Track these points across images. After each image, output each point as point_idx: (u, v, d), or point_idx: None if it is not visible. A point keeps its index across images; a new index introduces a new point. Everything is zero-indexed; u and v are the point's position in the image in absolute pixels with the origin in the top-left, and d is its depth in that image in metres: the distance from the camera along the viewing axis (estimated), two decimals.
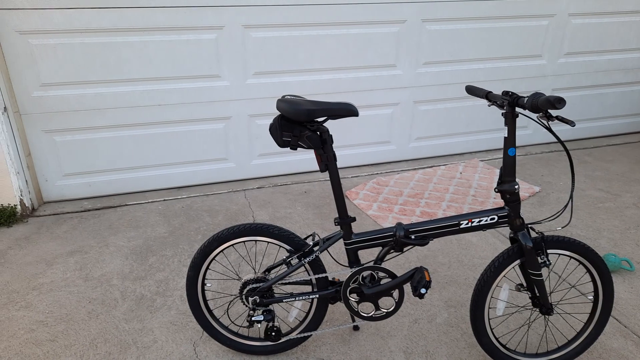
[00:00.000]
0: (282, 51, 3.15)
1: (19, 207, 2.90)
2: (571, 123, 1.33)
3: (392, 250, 1.67)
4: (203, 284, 1.75)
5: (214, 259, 1.72)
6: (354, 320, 1.96)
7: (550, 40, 3.70)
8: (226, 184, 3.39)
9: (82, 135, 3.01)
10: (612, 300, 1.71)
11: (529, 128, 3.99)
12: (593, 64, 3.90)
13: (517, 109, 1.50)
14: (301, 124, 1.56)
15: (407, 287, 2.21)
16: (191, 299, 1.75)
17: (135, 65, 2.93)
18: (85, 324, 2.00)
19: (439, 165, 3.67)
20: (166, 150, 3.20)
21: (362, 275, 1.70)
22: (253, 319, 1.70)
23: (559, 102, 1.28)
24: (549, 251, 1.62)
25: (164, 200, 3.15)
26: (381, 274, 1.71)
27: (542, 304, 1.70)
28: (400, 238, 1.62)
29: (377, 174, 3.56)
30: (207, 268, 1.73)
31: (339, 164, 3.62)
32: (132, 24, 2.82)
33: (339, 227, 1.67)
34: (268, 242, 1.73)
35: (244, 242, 1.70)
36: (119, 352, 1.85)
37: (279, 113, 1.58)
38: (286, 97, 1.58)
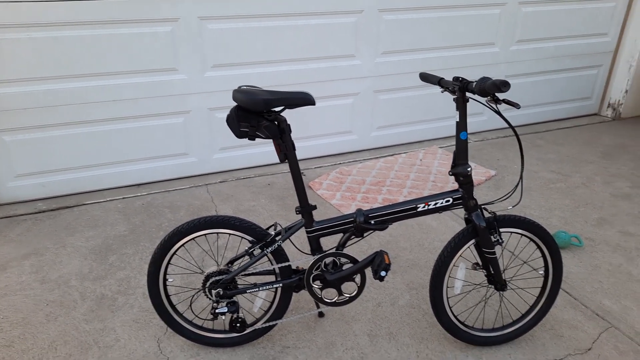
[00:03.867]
0: (241, 43, 3.12)
1: None
2: (516, 105, 1.39)
3: (353, 236, 1.71)
4: (165, 279, 1.73)
5: (174, 253, 1.70)
6: (318, 307, 1.99)
7: (502, 29, 3.82)
8: (188, 179, 3.35)
9: (34, 134, 2.89)
10: (561, 274, 1.81)
11: (484, 114, 4.12)
12: (543, 51, 4.06)
13: (468, 94, 1.55)
14: (258, 114, 1.56)
15: (369, 273, 2.26)
16: (153, 294, 1.73)
17: (88, 60, 2.83)
18: (44, 327, 1.95)
19: (400, 153, 3.74)
20: (124, 147, 3.12)
21: (325, 262, 1.73)
22: (217, 311, 1.70)
23: (504, 85, 1.33)
24: (501, 230, 1.70)
25: (124, 198, 3.08)
26: (343, 260, 1.75)
27: (497, 281, 1.77)
28: (360, 224, 1.65)
29: (340, 163, 3.59)
30: (169, 263, 1.71)
31: (302, 155, 3.63)
32: (83, 17, 2.72)
33: (300, 216, 1.69)
34: (230, 234, 1.72)
35: (204, 235, 1.69)
36: (79, 353, 1.81)
37: (235, 104, 1.58)
38: (242, 87, 1.57)
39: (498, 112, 1.53)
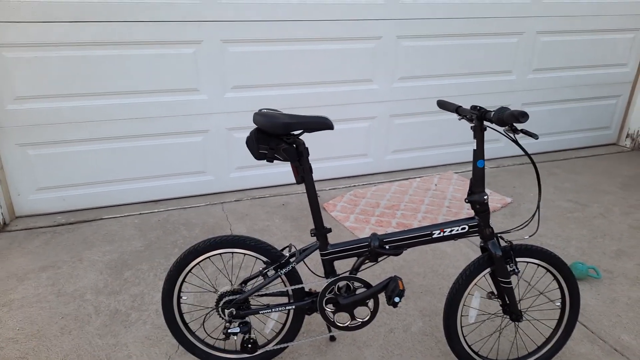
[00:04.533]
0: (261, 66, 3.20)
1: None
2: (534, 136, 1.39)
3: (367, 261, 1.71)
4: (179, 297, 1.75)
5: (189, 271, 1.72)
6: (330, 331, 1.98)
7: (519, 57, 3.85)
8: (204, 197, 3.39)
9: (57, 148, 2.98)
10: (578, 306, 1.78)
11: (501, 141, 4.11)
12: (561, 80, 4.06)
13: (485, 123, 1.57)
14: (277, 137, 1.59)
15: (383, 298, 2.25)
16: (167, 312, 1.74)
17: (114, 78, 2.92)
18: (58, 340, 1.97)
19: (415, 178, 3.74)
20: (143, 164, 3.19)
21: (338, 286, 1.73)
22: (229, 331, 1.70)
23: (522, 116, 1.35)
24: (517, 259, 1.68)
25: (140, 214, 3.13)
26: (356, 284, 1.74)
27: (512, 311, 1.75)
28: (374, 248, 1.66)
29: (355, 186, 3.60)
30: (183, 281, 1.73)
31: (317, 177, 3.66)
32: (111, 38, 2.83)
33: (315, 238, 1.70)
34: (244, 254, 1.74)
35: (220, 254, 1.70)
36: None
37: (255, 126, 1.61)
38: (263, 110, 1.61)
39: (516, 142, 1.54)
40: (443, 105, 1.77)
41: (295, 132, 1.60)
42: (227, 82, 3.17)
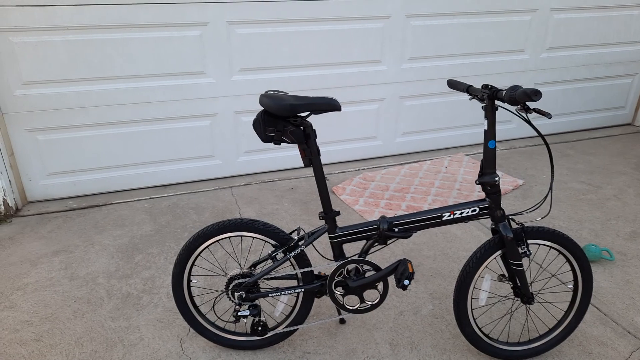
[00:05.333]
0: (268, 47, 3.15)
1: (2, 207, 2.86)
2: (548, 115, 1.35)
3: (376, 244, 1.69)
4: (189, 281, 1.75)
5: (199, 255, 1.72)
6: (339, 314, 1.98)
7: (532, 35, 3.75)
8: (213, 181, 3.39)
9: (66, 134, 2.98)
10: (591, 289, 1.75)
11: (512, 122, 4.04)
12: (574, 59, 3.96)
13: (497, 102, 1.53)
14: (284, 119, 1.57)
15: (392, 280, 2.24)
16: (177, 295, 1.75)
17: (119, 62, 2.90)
18: (71, 323, 2.00)
19: (425, 160, 3.70)
20: (152, 148, 3.19)
21: (347, 269, 1.72)
22: (239, 314, 1.71)
23: (535, 95, 1.31)
24: (529, 241, 1.66)
25: (150, 198, 3.14)
26: (366, 267, 1.73)
27: (524, 294, 1.73)
28: (384, 231, 1.64)
29: (364, 169, 3.58)
30: (193, 264, 1.74)
31: (326, 160, 3.63)
32: (115, 21, 2.80)
33: (324, 221, 1.69)
34: (253, 238, 1.74)
35: (229, 237, 1.70)
36: (105, 350, 1.85)
37: (262, 109, 1.59)
38: (269, 92, 1.58)
39: (528, 121, 1.50)
40: (453, 85, 1.73)
41: (302, 114, 1.57)
42: (234, 64, 3.13)
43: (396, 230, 1.66)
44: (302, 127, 1.57)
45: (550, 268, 2.33)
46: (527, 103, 1.40)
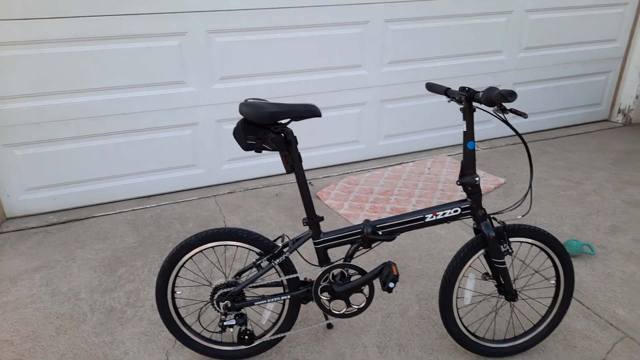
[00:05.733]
0: (248, 55, 3.15)
1: None
2: (524, 115, 1.38)
3: (361, 247, 1.70)
4: (173, 292, 1.74)
5: (183, 265, 1.71)
6: (327, 319, 1.97)
7: (509, 36, 3.82)
8: (196, 191, 3.36)
9: (45, 147, 2.93)
10: (573, 283, 1.78)
11: (492, 122, 4.10)
12: (551, 58, 4.04)
13: (474, 104, 1.55)
14: (265, 127, 1.57)
15: (378, 284, 2.24)
16: (161, 307, 1.73)
17: (97, 74, 2.87)
18: (54, 340, 1.96)
19: (408, 162, 3.73)
20: (133, 160, 3.15)
21: (333, 274, 1.72)
22: (225, 323, 1.69)
23: (511, 95, 1.33)
24: (510, 239, 1.68)
25: (133, 210, 3.10)
26: (351, 271, 1.74)
27: (507, 291, 1.75)
28: (367, 234, 1.65)
29: (348, 173, 3.59)
30: (177, 275, 1.72)
31: (310, 165, 3.64)
32: (92, 33, 2.77)
33: (308, 227, 1.69)
34: (237, 247, 1.72)
35: (212, 247, 1.69)
36: None
37: (242, 117, 1.59)
38: (249, 100, 1.58)
39: (506, 122, 1.52)
40: (432, 87, 1.75)
41: (283, 121, 1.57)
42: (215, 73, 3.12)
43: (380, 233, 1.66)
44: (282, 135, 1.58)
45: (533, 265, 2.36)
46: (503, 104, 1.42)
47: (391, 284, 1.61)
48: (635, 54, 4.23)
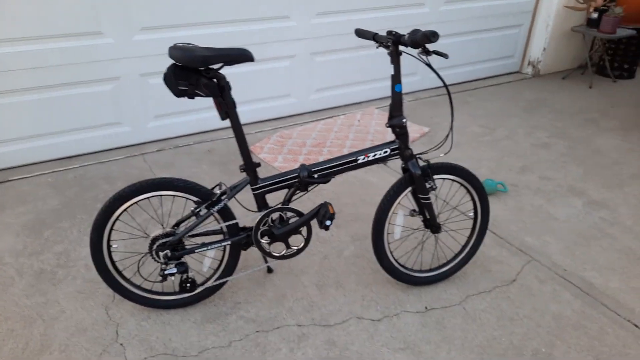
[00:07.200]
0: (170, 4, 2.99)
1: None
2: (445, 56, 1.47)
3: (297, 191, 1.76)
4: (109, 246, 1.70)
5: (117, 218, 1.67)
6: (266, 262, 2.04)
7: None
8: (123, 149, 3.22)
9: None
10: (488, 214, 1.98)
11: (417, 74, 4.26)
12: (471, 11, 4.22)
13: (401, 47, 1.62)
14: (197, 72, 1.54)
15: (316, 226, 2.34)
16: (97, 261, 1.70)
17: (3, 24, 2.60)
18: None
19: (339, 115, 3.81)
20: (49, 118, 2.93)
21: (272, 217, 1.77)
22: (166, 272, 1.70)
23: (433, 36, 1.41)
24: (434, 176, 1.82)
25: (54, 172, 2.92)
26: (289, 214, 1.80)
27: (432, 225, 1.91)
28: (304, 178, 1.70)
29: (281, 127, 3.60)
30: (112, 229, 1.68)
31: (242, 121, 3.59)
32: None
33: (245, 174, 1.71)
34: (174, 197, 1.71)
35: (148, 198, 1.66)
36: (22, 327, 1.75)
37: (172, 62, 1.54)
38: (178, 44, 1.53)
39: (429, 65, 1.61)
40: (361, 34, 1.80)
41: (215, 66, 1.55)
42: (134, 23, 2.94)
43: (316, 176, 1.73)
44: (215, 80, 1.56)
45: (453, 201, 2.57)
46: (426, 45, 1.51)
47: (328, 222, 1.70)
48: (543, 8, 4.54)
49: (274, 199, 1.90)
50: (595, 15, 4.35)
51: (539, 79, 4.74)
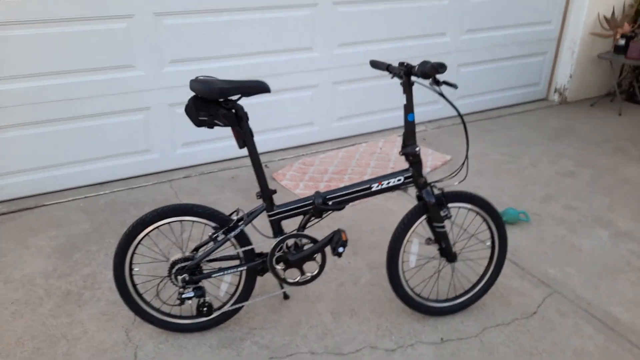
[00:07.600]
0: (198, 38, 3.15)
1: None
2: (454, 86, 1.50)
3: (312, 218, 1.79)
4: (131, 269, 1.77)
5: (139, 242, 1.74)
6: (282, 287, 2.07)
7: (452, 19, 3.98)
8: (151, 176, 3.35)
9: None
10: (506, 243, 1.95)
11: (439, 103, 4.28)
12: (492, 39, 4.25)
13: (413, 78, 1.67)
14: (216, 103, 1.62)
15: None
16: (120, 284, 1.77)
17: (40, 59, 2.79)
18: (9, 325, 1.95)
19: (361, 143, 3.85)
20: (84, 146, 3.10)
21: (287, 244, 1.81)
22: (183, 296, 1.75)
23: (441, 67, 1.45)
24: (449, 205, 1.82)
25: (85, 197, 3.06)
26: (304, 241, 1.83)
27: (448, 253, 1.90)
28: (318, 205, 1.74)
29: (303, 155, 3.67)
30: (134, 253, 1.75)
31: (265, 148, 3.69)
32: (31, 16, 2.69)
33: (262, 201, 1.76)
34: (193, 222, 1.78)
35: (169, 223, 1.73)
36: (48, 346, 1.83)
37: (193, 94, 1.63)
38: (199, 77, 1.63)
39: (441, 94, 1.65)
40: (375, 64, 1.86)
41: (233, 97, 1.63)
42: (164, 56, 3.11)
43: (330, 203, 1.76)
44: (233, 110, 1.63)
45: (470, 230, 2.54)
46: (436, 76, 1.54)
47: (340, 249, 1.72)
48: (568, 35, 4.52)
49: (292, 225, 1.94)
50: (622, 41, 4.30)
51: (566, 106, 4.68)
